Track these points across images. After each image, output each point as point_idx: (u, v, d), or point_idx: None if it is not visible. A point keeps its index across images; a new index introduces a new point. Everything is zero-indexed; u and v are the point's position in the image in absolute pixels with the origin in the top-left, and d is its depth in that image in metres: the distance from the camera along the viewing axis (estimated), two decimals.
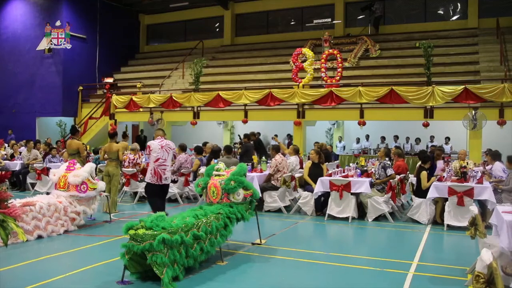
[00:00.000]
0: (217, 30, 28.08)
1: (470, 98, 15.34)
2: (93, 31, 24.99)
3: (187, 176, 12.19)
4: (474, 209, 5.71)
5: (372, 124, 18.52)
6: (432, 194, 9.23)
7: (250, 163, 11.50)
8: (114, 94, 21.70)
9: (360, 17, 24.45)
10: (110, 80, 24.06)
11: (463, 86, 15.48)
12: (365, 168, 10.92)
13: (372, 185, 9.98)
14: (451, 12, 23.96)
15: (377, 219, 9.78)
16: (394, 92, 16.05)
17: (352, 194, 9.76)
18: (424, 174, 9.64)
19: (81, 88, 23.63)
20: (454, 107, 16.19)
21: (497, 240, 5.62)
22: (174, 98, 19.56)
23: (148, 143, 9.12)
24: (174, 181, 12.13)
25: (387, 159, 10.35)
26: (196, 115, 19.96)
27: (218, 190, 6.93)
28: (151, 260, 5.30)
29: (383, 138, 20.43)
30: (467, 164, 9.79)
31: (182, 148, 12.85)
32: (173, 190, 12.03)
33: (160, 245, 5.32)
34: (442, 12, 24.06)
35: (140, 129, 23.72)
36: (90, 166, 9.14)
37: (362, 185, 9.75)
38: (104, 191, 9.42)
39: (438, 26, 22.67)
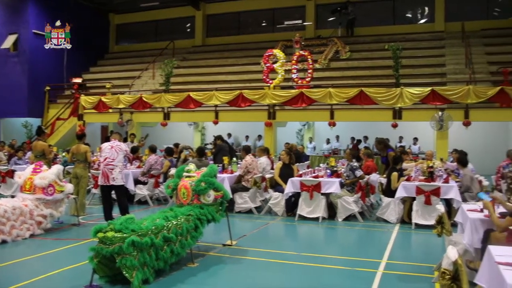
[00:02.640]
0: (188, 30, 27.91)
1: (437, 99, 15.67)
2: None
3: (157, 178, 12.08)
4: (441, 207, 5.82)
5: (342, 125, 18.71)
6: (400, 193, 9.38)
7: (221, 164, 11.47)
8: (82, 95, 21.35)
9: (331, 19, 24.66)
10: (78, 80, 23.62)
11: (430, 88, 15.80)
12: (335, 169, 11.01)
13: (342, 185, 10.07)
14: (419, 15, 24.44)
15: (347, 219, 9.87)
16: (363, 94, 16.25)
17: (322, 194, 9.84)
18: (395, 174, 9.78)
19: (48, 88, 23.14)
20: (421, 108, 16.49)
21: (462, 237, 5.75)
22: (144, 99, 19.37)
23: (101, 145, 9.07)
24: (144, 183, 12.02)
25: (354, 160, 10.45)
26: (167, 116, 19.81)
27: (189, 192, 6.89)
28: (120, 263, 5.23)
29: (352, 139, 20.67)
30: (434, 164, 10.01)
31: (152, 150, 12.74)
32: (143, 192, 11.92)
33: (130, 248, 5.25)
34: (410, 16, 24.52)
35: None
36: (57, 168, 8.97)
37: (332, 186, 9.84)
38: (72, 194, 9.25)
39: (407, 29, 23.08)
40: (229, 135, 22.04)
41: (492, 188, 10.60)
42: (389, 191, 9.78)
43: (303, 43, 21.46)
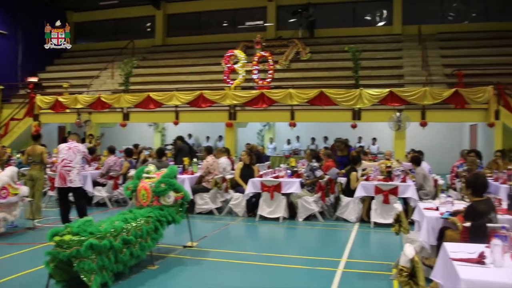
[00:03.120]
0: (149, 30, 27.59)
1: (395, 100, 16.01)
2: (15, 27, 23.84)
3: (116, 179, 11.87)
4: (398, 206, 5.94)
5: (303, 125, 18.87)
6: (359, 193, 9.54)
7: (181, 165, 11.38)
8: (38, 94, 20.75)
9: (292, 20, 24.85)
10: (34, 79, 22.96)
11: (389, 90, 16.13)
12: (295, 169, 11.08)
13: (302, 185, 10.15)
14: (378, 18, 24.99)
15: (307, 218, 9.95)
16: (323, 94, 16.44)
17: (282, 194, 9.89)
18: (354, 174, 9.93)
19: (1, 87, 22.39)
20: (380, 109, 16.81)
21: (419, 235, 5.89)
22: (102, 99, 18.99)
23: (58, 146, 8.90)
24: (102, 185, 11.79)
25: (314, 160, 10.55)
26: (126, 116, 19.49)
27: (148, 193, 6.79)
28: (78, 267, 5.11)
29: (313, 139, 20.89)
30: (392, 163, 10.23)
31: (111, 151, 12.51)
32: (102, 193, 11.69)
33: (88, 251, 5.14)
34: (369, 18, 25.03)
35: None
36: (11, 170, 8.68)
37: (292, 186, 9.91)
38: (27, 196, 8.97)
39: (366, 32, 23.55)
40: (190, 135, 21.90)
41: (447, 186, 10.91)
42: (349, 191, 9.92)
43: (264, 44, 21.56)
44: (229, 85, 18.24)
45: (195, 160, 12.01)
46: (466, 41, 21.37)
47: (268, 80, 18.44)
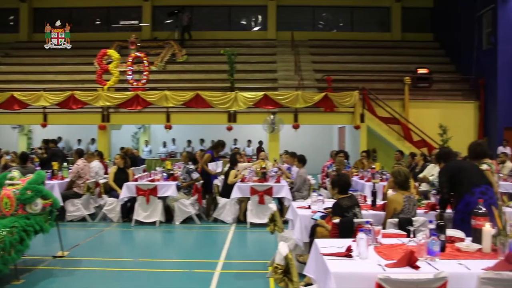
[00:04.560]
0: (12, 24, 25.45)
1: (269, 103, 16.51)
2: None
3: None
4: (273, 206, 6.12)
5: (179, 127, 18.71)
6: (235, 194, 9.68)
7: (50, 170, 10.67)
8: None
9: (168, 21, 24.55)
10: None
11: (263, 93, 16.58)
12: (171, 172, 10.95)
13: (178, 188, 10.06)
14: (253, 23, 25.64)
15: (184, 221, 9.87)
16: (199, 97, 16.44)
17: (159, 198, 9.72)
18: (233, 172, 10.08)
19: None
20: (255, 111, 17.18)
21: (293, 233, 6.11)
22: None
23: None
24: None
25: (190, 163, 10.52)
26: None
27: (12, 201, 6.24)
28: None
29: (189, 142, 20.80)
30: (267, 165, 10.53)
31: None
32: None
33: None
34: (245, 23, 25.58)
35: None
36: None
37: (168, 189, 9.78)
38: None
39: (241, 35, 24.00)
40: (60, 138, 20.63)
41: (318, 186, 11.48)
42: (225, 192, 10.03)
43: (139, 44, 21.05)
44: (102, 86, 17.50)
45: (65, 164, 11.33)
46: (335, 49, 22.77)
47: (143, 81, 18.05)
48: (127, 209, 10.06)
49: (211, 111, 17.04)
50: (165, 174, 10.56)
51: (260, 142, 19.66)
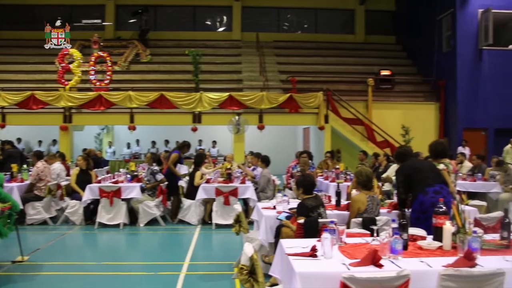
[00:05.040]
0: None
1: (234, 104, 16.53)
2: None
3: None
4: (238, 207, 6.11)
5: (143, 128, 18.50)
6: (200, 195, 9.63)
7: (9, 172, 10.37)
8: None
9: (132, 21, 24.22)
10: None
11: (228, 93, 16.58)
12: (135, 173, 10.81)
13: (143, 190, 9.93)
14: (218, 24, 25.57)
15: (149, 223, 9.75)
16: (164, 97, 16.31)
17: (122, 200, 9.58)
18: (198, 173, 10.02)
19: None
20: (220, 112, 17.17)
21: (258, 234, 6.12)
22: None
23: None
24: None
25: (154, 164, 10.41)
26: None
27: None
28: None
29: (153, 143, 20.59)
30: (232, 166, 10.52)
31: None
32: None
33: None
34: (210, 23, 25.48)
35: None
36: None
37: (132, 191, 9.64)
38: None
39: (206, 36, 23.95)
40: (19, 140, 20.10)
41: (283, 186, 11.53)
42: (190, 194, 9.96)
43: (102, 43, 20.68)
44: (63, 86, 17.14)
45: (25, 166, 11.03)
46: (299, 50, 22.98)
47: (106, 81, 17.79)
48: (90, 212, 9.86)
49: (176, 111, 16.93)
50: (129, 176, 10.41)
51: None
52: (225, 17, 25.25)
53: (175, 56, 21.52)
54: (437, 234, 4.18)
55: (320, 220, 5.09)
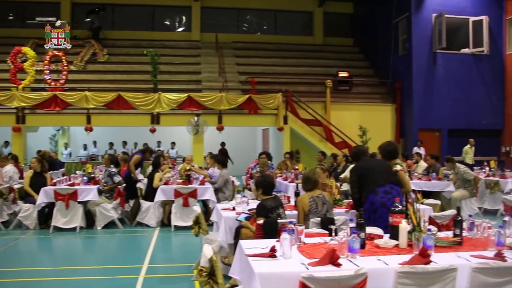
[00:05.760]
0: None
1: (193, 105, 16.44)
2: None
3: None
4: (197, 208, 6.08)
5: (100, 129, 18.13)
6: (159, 197, 9.53)
7: None
8: None
9: (88, 19, 23.67)
10: None
11: (187, 94, 16.47)
12: (92, 175, 10.59)
13: (100, 192, 9.74)
14: (177, 24, 25.35)
15: (106, 226, 9.58)
16: (121, 98, 16.05)
17: (79, 203, 9.36)
18: (157, 174, 9.90)
19: None
20: (179, 113, 17.04)
21: (218, 235, 6.10)
22: None
23: None
24: None
25: (112, 166, 10.23)
26: None
27: None
28: None
29: (111, 144, 20.23)
30: (192, 167, 10.46)
31: None
32: None
33: None
34: (168, 23, 25.24)
35: None
36: None
37: (89, 193, 9.44)
38: None
39: (165, 36, 23.69)
40: None
41: (243, 187, 11.53)
42: (149, 196, 9.84)
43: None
44: (16, 85, 16.62)
45: None
46: (258, 51, 23.03)
47: (62, 81, 17.37)
48: (45, 215, 9.59)
49: (134, 112, 16.71)
50: (85, 178, 10.19)
51: (223, 144, 18.85)
52: (184, 17, 25.07)
53: (133, 56, 21.20)
54: (394, 232, 4.26)
55: (279, 220, 5.12)
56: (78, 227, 9.27)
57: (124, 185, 9.99)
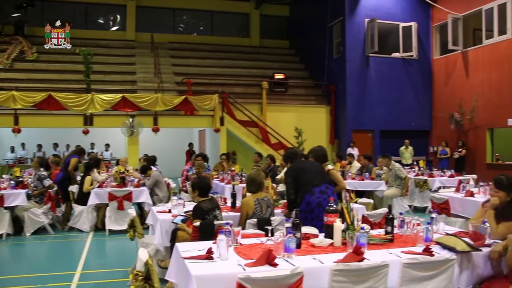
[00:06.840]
0: None
1: (128, 106, 16.12)
2: None
3: None
4: (132, 211, 5.95)
5: (29, 131, 17.38)
6: (92, 201, 9.27)
7: None
8: None
9: (15, 15, 22.59)
10: None
11: (121, 95, 16.13)
12: (20, 179, 10.13)
13: (29, 196, 9.33)
14: (112, 23, 24.74)
15: (36, 232, 9.18)
16: (52, 98, 15.48)
17: (6, 208, 8.91)
18: (88, 178, 9.61)
19: None
20: (113, 114, 16.66)
21: (154, 238, 6.00)
22: None
23: None
24: None
25: (42, 169, 9.83)
26: None
27: None
28: None
29: (39, 146, 19.42)
30: (127, 170, 10.24)
31: None
32: None
33: None
34: (102, 22, 24.57)
35: None
36: None
37: (17, 198, 9.01)
38: None
39: (99, 35, 23.07)
40: None
41: (179, 189, 11.42)
42: (81, 199, 9.54)
43: None
44: None
45: None
46: (195, 52, 22.92)
47: None
48: None
49: (66, 113, 16.16)
50: (13, 182, 9.73)
51: (190, 145, 18.66)
52: (118, 16, 24.51)
53: (65, 55, 20.42)
54: (328, 231, 4.35)
55: (215, 222, 5.10)
56: (5, 234, 8.82)
57: (55, 189, 9.62)
